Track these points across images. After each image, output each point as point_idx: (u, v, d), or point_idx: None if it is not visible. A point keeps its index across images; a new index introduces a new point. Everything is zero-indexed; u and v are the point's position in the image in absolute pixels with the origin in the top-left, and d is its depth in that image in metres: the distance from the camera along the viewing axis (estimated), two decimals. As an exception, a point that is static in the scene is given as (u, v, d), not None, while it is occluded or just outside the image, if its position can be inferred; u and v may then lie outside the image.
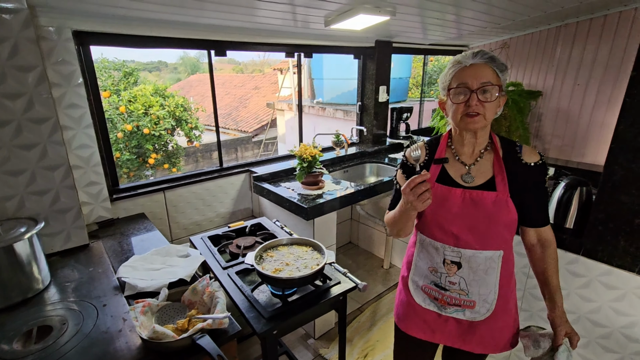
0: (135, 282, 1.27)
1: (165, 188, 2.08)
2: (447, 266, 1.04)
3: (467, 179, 1.02)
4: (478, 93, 0.92)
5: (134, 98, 4.66)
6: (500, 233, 1.00)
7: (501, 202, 0.98)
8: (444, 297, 1.07)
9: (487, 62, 0.94)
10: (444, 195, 1.02)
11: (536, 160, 1.02)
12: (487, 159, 1.04)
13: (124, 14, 1.65)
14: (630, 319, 1.37)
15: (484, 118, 0.94)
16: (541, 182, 1.03)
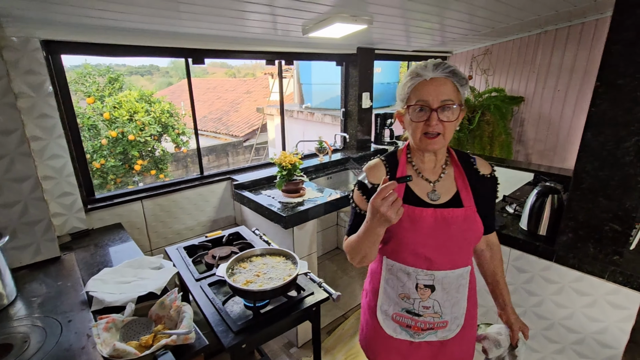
0: (103, 296, 1.24)
1: (143, 197, 2.06)
2: (420, 291, 0.98)
3: (433, 197, 0.97)
4: (439, 112, 0.88)
5: (118, 104, 4.61)
6: (469, 249, 0.99)
7: (470, 217, 0.96)
8: (418, 323, 1.01)
9: (448, 77, 0.89)
10: (414, 217, 0.94)
11: (490, 172, 1.03)
12: (449, 173, 1.01)
13: (96, 23, 1.64)
14: (602, 324, 1.39)
15: (444, 138, 0.91)
16: (494, 191, 1.05)
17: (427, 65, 0.90)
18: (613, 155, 1.25)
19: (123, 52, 1.87)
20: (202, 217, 2.37)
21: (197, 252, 1.69)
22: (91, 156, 4.65)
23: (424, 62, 0.90)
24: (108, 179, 5.00)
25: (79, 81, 4.68)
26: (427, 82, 0.89)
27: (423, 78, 0.89)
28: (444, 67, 0.89)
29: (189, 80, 2.21)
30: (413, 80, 0.90)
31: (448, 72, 0.89)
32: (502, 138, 3.35)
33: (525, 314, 1.61)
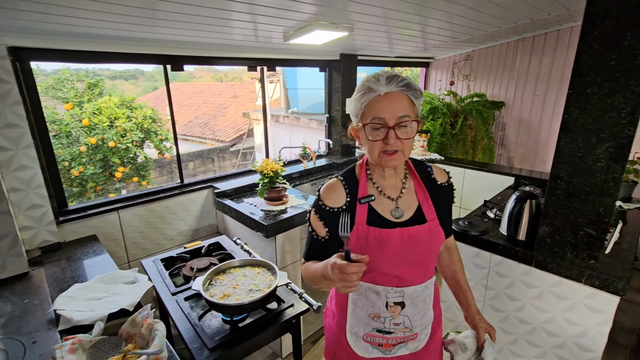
0: (71, 314, 1.18)
1: (119, 207, 1.99)
2: (390, 309, 0.96)
3: (396, 214, 0.94)
4: (396, 129, 0.83)
5: (98, 110, 4.49)
6: (434, 261, 1.00)
7: (434, 231, 0.94)
8: (389, 340, 0.99)
9: (402, 90, 0.84)
10: (381, 239, 0.91)
11: (447, 179, 1.02)
12: (409, 187, 0.98)
13: (68, 30, 1.59)
14: (581, 328, 1.40)
15: (403, 154, 0.87)
16: (451, 198, 1.04)
17: (379, 78, 0.84)
18: (585, 161, 1.27)
19: (97, 59, 1.81)
20: (182, 226, 2.31)
21: (175, 264, 1.64)
22: (69, 164, 4.51)
23: (375, 75, 0.85)
24: (88, 187, 4.85)
25: (56, 87, 4.54)
26: (382, 97, 0.83)
27: (377, 93, 0.83)
28: (397, 81, 0.84)
29: (167, 87, 2.16)
30: (366, 95, 0.85)
31: (402, 85, 0.84)
32: (485, 142, 3.40)
33: (507, 318, 1.61)
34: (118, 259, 2.06)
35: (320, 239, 0.96)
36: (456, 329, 1.85)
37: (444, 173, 1.04)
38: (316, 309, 1.32)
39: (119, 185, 5.18)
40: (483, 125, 3.37)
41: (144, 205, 2.09)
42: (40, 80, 4.60)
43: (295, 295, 1.40)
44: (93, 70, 5.19)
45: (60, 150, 4.48)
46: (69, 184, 4.79)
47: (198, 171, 8.65)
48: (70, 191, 4.84)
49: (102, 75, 9.81)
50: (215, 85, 15.43)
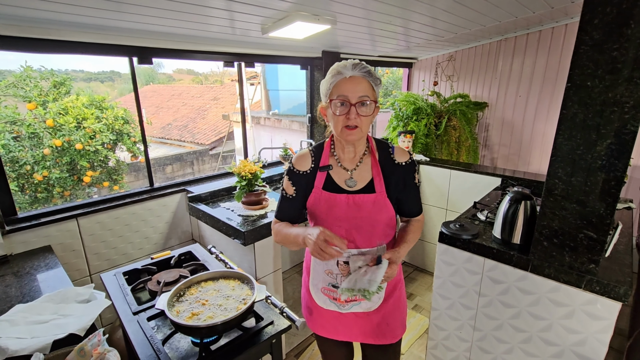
0: (7, 342, 0.99)
1: (78, 215, 1.78)
2: (340, 267, 1.12)
3: (350, 184, 1.11)
4: (357, 106, 0.99)
5: (64, 110, 4.18)
6: (382, 230, 1.13)
7: (380, 202, 1.09)
8: (341, 296, 1.15)
9: (364, 76, 1.00)
10: (330, 202, 1.10)
11: (406, 160, 1.13)
12: (366, 162, 1.13)
13: (12, 12, 1.39)
14: (580, 336, 1.32)
15: (361, 130, 1.02)
16: (411, 178, 1.14)
17: (347, 64, 1.01)
18: (584, 159, 1.20)
19: (51, 49, 1.62)
20: (152, 234, 2.11)
21: (140, 278, 1.46)
22: (32, 167, 4.18)
23: (344, 62, 1.01)
24: (54, 193, 4.52)
25: (17, 85, 4.21)
26: (347, 79, 1.00)
27: (343, 76, 1.00)
28: (361, 67, 1.01)
29: (134, 83, 1.97)
30: (334, 77, 1.01)
31: (364, 71, 1.01)
32: (469, 143, 3.37)
33: (502, 327, 1.52)
34: (78, 272, 1.85)
35: (288, 196, 1.17)
36: (446, 339, 1.76)
37: (405, 154, 1.15)
38: (299, 326, 1.19)
39: (89, 190, 4.86)
40: (467, 126, 3.34)
41: (108, 212, 1.89)
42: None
43: (275, 310, 1.26)
44: (65, 71, 4.87)
45: (22, 153, 4.14)
46: (33, 189, 4.45)
47: (176, 175, 8.33)
48: (35, 197, 4.50)
49: (76, 77, 9.27)
50: (195, 87, 15.04)
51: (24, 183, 4.33)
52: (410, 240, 1.15)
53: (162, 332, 1.16)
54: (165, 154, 8.66)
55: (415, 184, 1.16)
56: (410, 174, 1.14)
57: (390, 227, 1.16)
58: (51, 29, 1.56)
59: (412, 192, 1.16)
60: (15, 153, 4.09)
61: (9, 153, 4.03)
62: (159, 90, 15.04)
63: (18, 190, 4.29)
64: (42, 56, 14.17)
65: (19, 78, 4.22)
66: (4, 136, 3.99)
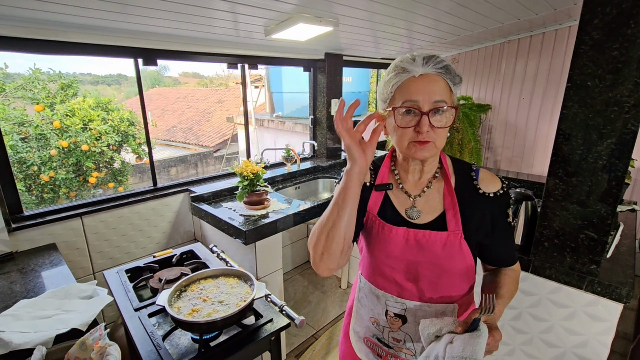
0: (11, 336, 1.01)
1: (82, 213, 1.81)
2: (389, 319, 0.87)
3: (412, 214, 0.83)
4: (430, 115, 0.73)
5: (71, 112, 4.24)
6: (453, 282, 0.83)
7: (453, 244, 0.79)
8: (388, 355, 0.89)
9: (440, 73, 0.74)
10: (384, 234, 0.83)
11: (496, 190, 0.82)
12: (436, 188, 0.84)
13: (21, 14, 1.42)
14: (582, 338, 1.31)
15: (435, 146, 0.75)
16: (503, 215, 0.83)
17: (415, 58, 0.74)
18: (585, 159, 1.20)
19: (58, 50, 1.65)
20: (155, 233, 2.13)
21: (143, 275, 1.48)
22: (39, 168, 4.24)
23: (411, 55, 0.76)
24: (61, 193, 4.58)
25: (26, 87, 4.28)
26: (416, 79, 0.74)
27: (411, 74, 0.74)
28: (435, 62, 0.74)
29: (139, 84, 2.00)
30: (399, 76, 0.75)
31: (440, 67, 0.74)
32: (472, 145, 3.36)
33: (503, 328, 1.51)
34: (82, 270, 1.87)
35: None
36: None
37: (495, 181, 0.83)
38: (298, 324, 1.19)
39: (94, 191, 4.92)
40: (470, 128, 3.34)
41: (111, 211, 1.91)
42: (9, 80, 4.33)
43: (275, 308, 1.26)
44: (74, 74, 4.95)
45: (30, 153, 4.21)
46: (40, 190, 4.51)
47: (180, 177, 8.40)
48: (42, 197, 4.56)
49: (84, 80, 9.34)
50: (200, 90, 15.18)
51: (31, 183, 4.40)
52: (506, 296, 0.81)
53: (162, 329, 1.17)
54: (170, 155, 8.73)
55: (509, 223, 0.84)
56: (501, 209, 0.83)
57: (466, 281, 0.86)
58: (58, 31, 1.59)
59: (504, 234, 0.85)
60: (23, 154, 4.15)
61: (17, 154, 4.09)
62: (164, 93, 15.19)
63: (25, 191, 4.36)
64: (50, 59, 14.35)
65: (28, 80, 4.30)
66: (12, 137, 4.06)
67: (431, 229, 0.80)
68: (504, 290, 0.82)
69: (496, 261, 0.89)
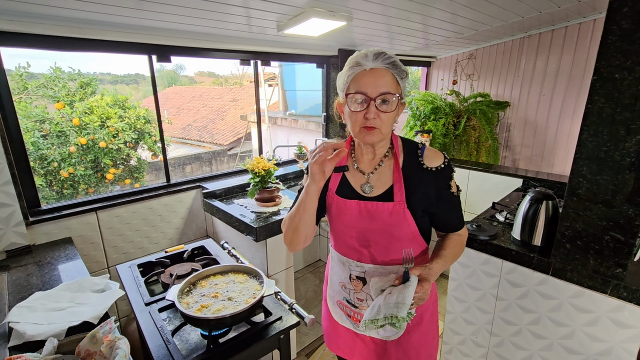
0: (25, 327, 1.03)
1: (97, 208, 1.84)
2: (353, 282, 1.02)
3: (366, 189, 0.97)
4: (377, 103, 0.85)
5: (89, 109, 4.34)
6: (402, 247, 0.96)
7: (399, 213, 0.92)
8: (355, 314, 1.04)
9: (388, 68, 0.86)
10: (340, 207, 0.98)
11: (438, 164, 0.94)
12: (387, 166, 0.97)
13: (41, 11, 1.45)
14: (605, 345, 1.25)
15: (381, 132, 0.88)
16: (445, 187, 0.95)
17: (367, 54, 0.86)
18: (611, 157, 1.13)
19: (75, 47, 1.68)
20: (168, 229, 2.16)
21: (154, 270, 1.49)
22: (59, 164, 4.36)
23: (365, 51, 0.87)
24: (79, 189, 4.70)
25: (47, 85, 4.41)
26: (367, 72, 0.86)
27: (363, 68, 0.86)
28: (384, 58, 0.86)
29: (153, 80, 2.02)
30: (352, 69, 0.87)
31: (388, 63, 0.86)
32: (489, 143, 3.27)
33: (521, 332, 1.46)
34: (96, 264, 1.90)
35: (302, 188, 1.01)
36: (462, 343, 1.70)
37: (438, 156, 0.96)
38: (308, 322, 1.17)
39: (111, 187, 5.03)
40: (487, 125, 3.24)
41: (126, 206, 1.94)
42: (31, 79, 4.48)
43: (284, 306, 1.25)
44: (94, 74, 5.08)
45: (50, 150, 4.33)
46: (60, 185, 4.64)
47: (195, 174, 8.50)
48: (61, 193, 4.69)
49: (103, 79, 9.58)
50: (214, 89, 15.34)
51: (51, 179, 4.53)
52: (447, 256, 0.96)
53: (172, 324, 1.17)
54: (185, 153, 8.87)
55: (452, 194, 0.96)
56: (443, 181, 0.95)
57: (416, 245, 0.99)
58: (76, 27, 1.61)
59: (448, 204, 0.97)
60: (44, 150, 4.28)
61: (38, 150, 4.22)
62: (180, 92, 15.42)
63: (46, 186, 4.49)
64: (71, 59, 14.79)
65: (49, 79, 4.42)
66: (33, 134, 4.19)
67: (380, 201, 0.94)
68: (447, 252, 0.97)
69: (444, 227, 1.02)
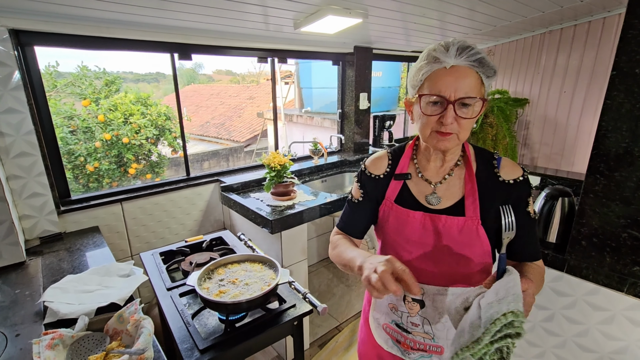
0: (59, 307, 1.11)
1: (122, 199, 1.94)
2: (408, 304, 0.88)
3: (432, 201, 0.84)
4: (456, 107, 0.72)
5: (113, 106, 4.53)
6: (471, 267, 0.83)
7: (471, 230, 0.79)
8: (407, 340, 0.90)
9: (472, 66, 0.72)
10: (401, 219, 0.85)
11: (516, 177, 0.81)
12: (457, 176, 0.85)
13: (72, 12, 1.54)
14: (621, 343, 1.23)
15: (457, 138, 0.76)
16: (522, 204, 0.81)
17: (448, 48, 0.72)
18: (630, 153, 1.12)
19: (103, 46, 1.77)
20: (187, 221, 2.24)
21: (175, 258, 1.56)
22: (85, 159, 4.56)
23: (445, 43, 0.74)
24: (104, 183, 4.90)
25: (74, 83, 4.62)
26: (447, 70, 0.72)
27: (442, 65, 0.72)
28: (469, 54, 0.71)
29: (175, 78, 2.10)
30: (430, 65, 0.74)
31: (474, 60, 0.72)
32: (506, 141, 3.21)
33: (534, 329, 1.45)
34: (121, 252, 2.00)
35: (353, 200, 0.95)
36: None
37: (516, 169, 0.83)
38: (321, 311, 1.21)
39: (133, 182, 5.22)
40: (505, 123, 3.18)
41: (148, 198, 2.03)
42: (58, 78, 4.69)
43: (298, 295, 1.29)
44: (117, 72, 5.28)
45: (77, 145, 4.54)
46: (86, 179, 4.86)
47: (213, 170, 8.70)
48: (87, 187, 4.91)
49: (126, 78, 9.83)
50: (232, 87, 15.56)
51: (78, 173, 4.74)
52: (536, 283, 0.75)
53: (192, 309, 1.24)
54: (203, 150, 9.07)
55: (528, 214, 0.82)
56: (521, 197, 0.81)
57: (483, 267, 0.84)
58: (102, 27, 1.70)
59: (525, 227, 0.81)
60: (72, 146, 4.49)
61: (66, 145, 4.43)
62: (199, 90, 15.73)
63: (73, 180, 4.71)
64: (96, 58, 15.32)
65: (76, 77, 4.63)
66: (62, 130, 4.40)
67: (449, 214, 0.81)
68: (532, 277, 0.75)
69: (518, 255, 0.84)
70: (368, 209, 0.93)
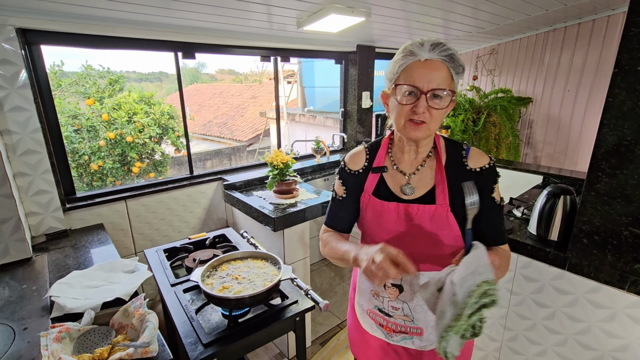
0: (65, 301, 1.13)
1: (127, 197, 1.96)
2: (388, 289, 0.94)
3: (406, 191, 0.90)
4: (428, 98, 0.79)
5: (117, 105, 4.56)
6: (444, 252, 0.88)
7: (440, 216, 0.85)
8: (389, 323, 0.97)
9: (444, 61, 0.78)
10: (377, 210, 0.91)
11: (482, 165, 0.87)
12: (429, 166, 0.91)
13: (78, 11, 1.56)
14: (622, 341, 1.24)
15: (429, 128, 0.81)
16: (488, 190, 0.86)
17: (423, 43, 0.79)
18: (632, 151, 1.12)
19: (108, 44, 1.78)
20: (190, 218, 2.26)
21: (179, 255, 1.58)
22: (89, 157, 4.60)
23: (420, 40, 0.80)
24: (108, 182, 4.94)
25: (79, 82, 4.65)
26: (421, 63, 0.79)
27: (417, 58, 0.79)
28: (441, 49, 0.78)
29: (178, 76, 2.12)
30: (405, 58, 0.80)
31: (445, 55, 0.78)
32: (509, 140, 3.21)
33: (535, 327, 1.46)
34: (125, 249, 2.02)
35: (338, 197, 1.00)
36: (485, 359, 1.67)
37: (483, 157, 0.89)
38: (323, 307, 1.22)
39: (137, 181, 5.26)
40: (508, 122, 3.18)
41: (152, 196, 2.05)
42: (63, 77, 4.73)
43: (300, 291, 1.31)
44: (120, 72, 5.32)
45: (81, 144, 4.58)
46: (90, 178, 4.90)
47: (215, 169, 8.73)
48: (91, 185, 4.95)
49: (129, 77, 9.90)
50: (234, 86, 15.59)
51: (82, 172, 4.78)
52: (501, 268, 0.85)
53: (195, 304, 1.25)
54: (205, 149, 9.10)
55: (493, 199, 0.87)
56: (487, 184, 0.87)
57: (455, 251, 0.88)
58: (108, 26, 1.72)
59: (490, 211, 0.87)
60: (76, 144, 4.53)
61: (70, 144, 4.47)
62: (202, 89, 15.77)
63: (77, 178, 4.75)
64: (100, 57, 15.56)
65: (81, 77, 4.66)
66: (66, 129, 4.43)
67: (421, 203, 0.87)
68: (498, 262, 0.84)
69: (484, 238, 0.86)
70: (352, 204, 0.98)
